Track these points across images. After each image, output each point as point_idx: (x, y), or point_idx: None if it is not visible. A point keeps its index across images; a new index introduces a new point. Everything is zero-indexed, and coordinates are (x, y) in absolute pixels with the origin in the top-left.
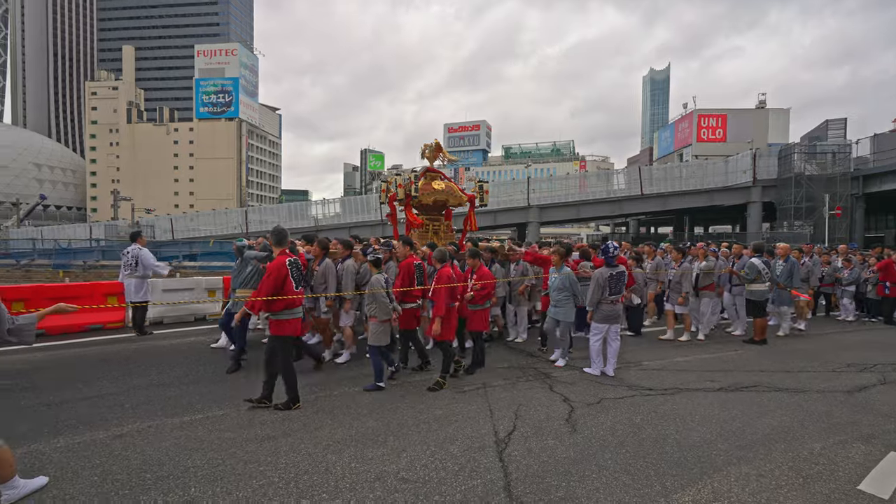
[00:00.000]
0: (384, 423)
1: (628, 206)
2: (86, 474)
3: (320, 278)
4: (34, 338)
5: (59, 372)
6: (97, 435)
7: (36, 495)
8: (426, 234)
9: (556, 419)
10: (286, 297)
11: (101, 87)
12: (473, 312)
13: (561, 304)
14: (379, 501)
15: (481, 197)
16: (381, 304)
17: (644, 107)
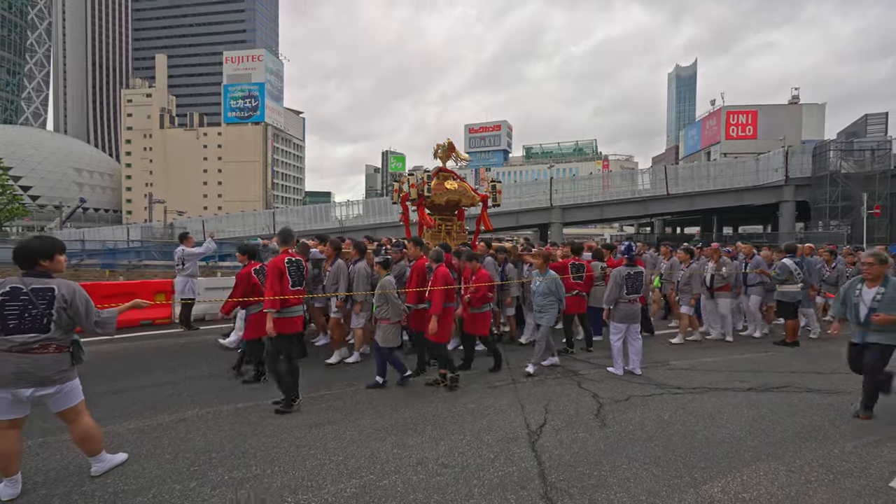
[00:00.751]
0: (420, 414)
1: (653, 206)
2: (158, 453)
3: (332, 279)
4: (115, 330)
5: (121, 363)
6: (162, 419)
7: (119, 469)
8: (439, 235)
9: (586, 414)
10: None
11: (136, 95)
12: (473, 316)
13: (545, 309)
14: (423, 483)
15: (494, 197)
16: (393, 306)
17: (669, 104)
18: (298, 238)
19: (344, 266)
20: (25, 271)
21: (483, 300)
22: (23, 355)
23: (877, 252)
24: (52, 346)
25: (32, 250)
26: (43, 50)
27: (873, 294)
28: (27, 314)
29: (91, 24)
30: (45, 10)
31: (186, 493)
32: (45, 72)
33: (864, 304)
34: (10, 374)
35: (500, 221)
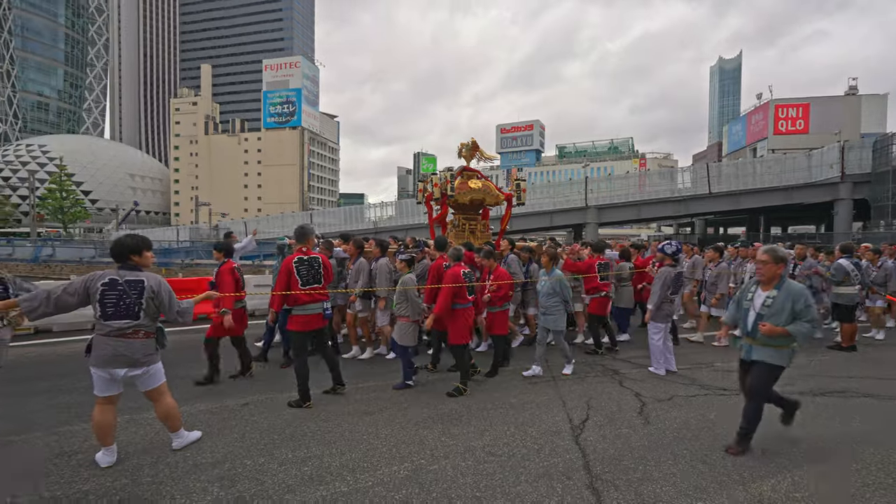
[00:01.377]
0: (464, 406)
1: (695, 205)
2: (227, 432)
3: (354, 276)
4: (192, 318)
5: (186, 352)
6: (228, 402)
7: (195, 444)
8: (462, 234)
9: (628, 411)
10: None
11: (183, 104)
12: (493, 315)
13: (551, 311)
14: (471, 469)
15: (518, 195)
16: (413, 304)
17: (712, 99)
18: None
19: (366, 264)
20: (120, 265)
21: (503, 299)
22: (118, 339)
23: (773, 248)
24: (141, 331)
25: (125, 247)
26: (101, 64)
27: (764, 298)
28: (122, 303)
29: (142, 39)
30: (103, 27)
31: (256, 467)
32: (102, 84)
33: (754, 310)
34: (108, 355)
35: (533, 222)
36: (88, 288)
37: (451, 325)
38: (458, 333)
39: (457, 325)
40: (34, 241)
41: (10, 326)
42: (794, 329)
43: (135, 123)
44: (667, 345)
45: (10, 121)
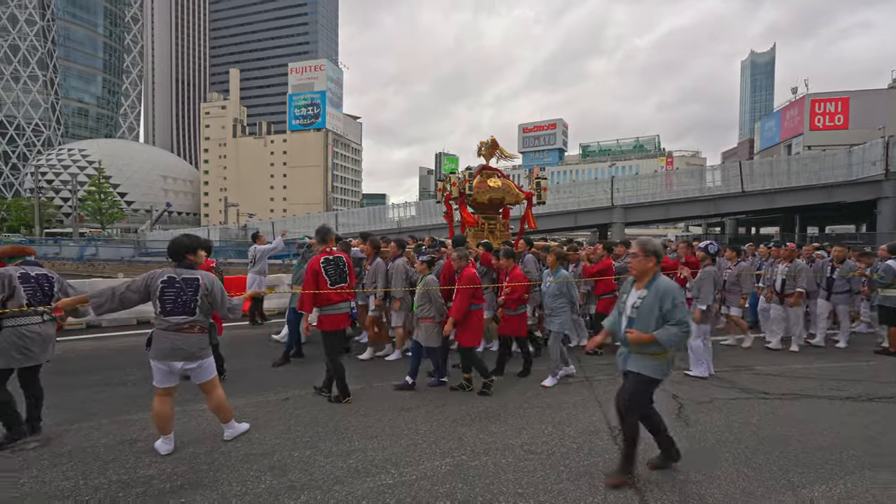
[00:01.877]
0: (500, 404)
1: (726, 204)
2: (273, 425)
3: (371, 277)
4: (241, 314)
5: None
6: (270, 397)
7: (244, 435)
8: (481, 234)
9: (667, 413)
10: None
11: (213, 107)
12: (508, 318)
13: (556, 312)
14: (512, 466)
15: (539, 194)
16: (437, 305)
17: (743, 95)
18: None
19: (382, 264)
20: (176, 263)
21: (518, 301)
22: (176, 334)
23: (645, 241)
24: (196, 327)
25: (183, 246)
26: (136, 71)
27: (634, 299)
28: (179, 299)
29: (174, 46)
30: (138, 35)
31: (304, 459)
32: (138, 90)
33: (625, 314)
34: (167, 349)
35: (557, 222)
36: (149, 286)
37: (464, 326)
38: (470, 335)
39: (470, 327)
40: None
41: (55, 321)
42: (660, 335)
43: (167, 127)
44: (706, 346)
45: (53, 126)
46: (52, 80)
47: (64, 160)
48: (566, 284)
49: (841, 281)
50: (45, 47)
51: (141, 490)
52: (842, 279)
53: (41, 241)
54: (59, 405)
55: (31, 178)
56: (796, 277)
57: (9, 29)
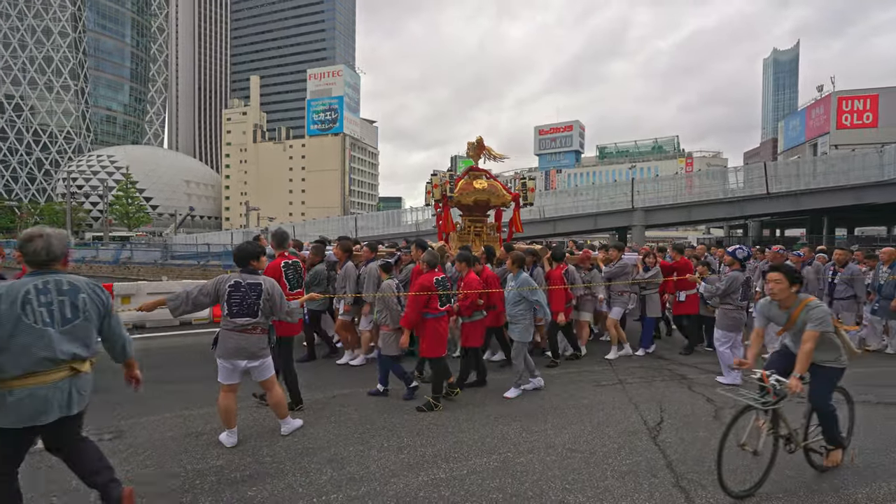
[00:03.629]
0: (538, 405)
1: (751, 206)
2: (324, 422)
3: (341, 281)
4: (298, 318)
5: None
6: (317, 395)
7: (299, 431)
8: (467, 237)
9: (703, 416)
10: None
11: (234, 114)
12: (464, 326)
13: (516, 320)
14: (557, 463)
15: (525, 195)
16: (392, 312)
17: (766, 93)
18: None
19: (353, 268)
20: (241, 269)
21: (472, 308)
22: (240, 335)
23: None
24: (258, 328)
25: (248, 253)
26: (162, 79)
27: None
28: (244, 302)
29: (197, 54)
30: (163, 45)
31: (358, 453)
32: (163, 98)
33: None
34: (232, 348)
35: (577, 224)
36: (218, 289)
37: (423, 336)
38: (430, 345)
39: (428, 337)
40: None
41: None
42: None
43: (190, 133)
44: (736, 354)
45: (83, 133)
46: (83, 90)
47: (93, 166)
48: (527, 289)
49: (843, 286)
50: (77, 58)
51: (214, 479)
52: (843, 283)
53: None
54: (122, 402)
55: (63, 183)
56: None
57: (43, 41)
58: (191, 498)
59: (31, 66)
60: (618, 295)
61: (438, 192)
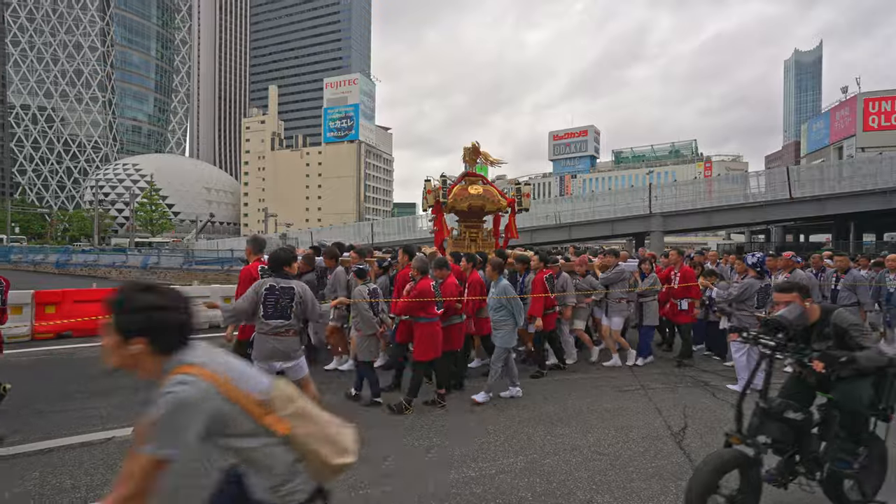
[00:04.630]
0: (561, 409)
1: (773, 211)
2: (351, 421)
3: (331, 287)
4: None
5: None
6: (331, 398)
7: None
8: (462, 243)
9: (728, 422)
10: None
11: (253, 122)
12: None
13: (498, 325)
14: (582, 465)
15: (520, 201)
16: (364, 318)
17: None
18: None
19: (342, 274)
20: (276, 274)
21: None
22: (275, 338)
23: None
24: (291, 330)
25: (281, 259)
26: (184, 90)
27: None
28: (278, 305)
29: (217, 65)
30: (186, 57)
31: (389, 450)
32: (185, 108)
33: None
34: (268, 351)
35: (594, 230)
36: (258, 293)
37: (416, 339)
38: (422, 349)
39: (421, 340)
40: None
41: None
42: None
43: (210, 141)
44: (754, 360)
45: (110, 143)
46: (111, 101)
47: (119, 174)
48: (507, 296)
49: (846, 292)
50: (105, 70)
51: None
52: (846, 290)
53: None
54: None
55: (91, 191)
56: None
57: (74, 55)
58: None
59: (62, 79)
60: (615, 302)
61: (432, 197)
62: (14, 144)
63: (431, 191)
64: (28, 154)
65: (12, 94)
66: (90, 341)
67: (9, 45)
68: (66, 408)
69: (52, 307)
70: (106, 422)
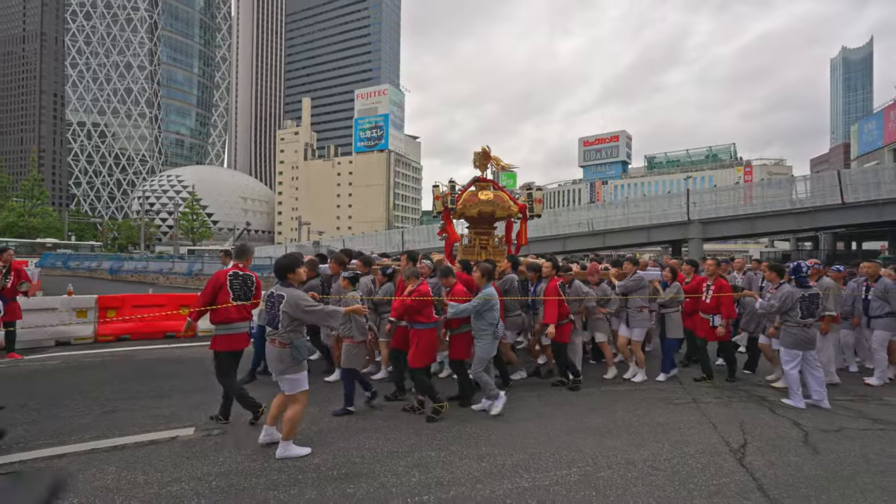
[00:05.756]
0: (610, 420)
1: (823, 217)
2: (403, 427)
3: (335, 295)
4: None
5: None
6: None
7: (384, 435)
8: (472, 250)
9: (791, 440)
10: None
11: (287, 134)
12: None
13: (478, 334)
14: (639, 480)
15: (531, 206)
16: (357, 324)
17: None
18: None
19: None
20: (280, 282)
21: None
22: (269, 345)
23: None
24: (276, 340)
25: (281, 266)
26: (223, 104)
27: None
28: (270, 313)
29: (254, 80)
30: (226, 73)
31: (440, 459)
32: (224, 121)
33: None
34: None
35: (629, 237)
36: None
37: (413, 345)
38: (419, 355)
39: (419, 346)
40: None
41: None
42: None
43: (247, 153)
44: (813, 375)
45: (155, 156)
46: (157, 116)
47: (164, 185)
48: (484, 303)
49: (878, 302)
50: (152, 88)
51: (314, 475)
52: (878, 299)
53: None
54: (207, 402)
55: (138, 201)
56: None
57: (125, 74)
58: (297, 490)
59: (114, 97)
60: (636, 311)
61: (440, 204)
62: (71, 159)
63: (439, 196)
64: (83, 167)
65: (70, 112)
66: (148, 344)
67: (68, 67)
68: (133, 406)
69: (112, 311)
70: (169, 421)
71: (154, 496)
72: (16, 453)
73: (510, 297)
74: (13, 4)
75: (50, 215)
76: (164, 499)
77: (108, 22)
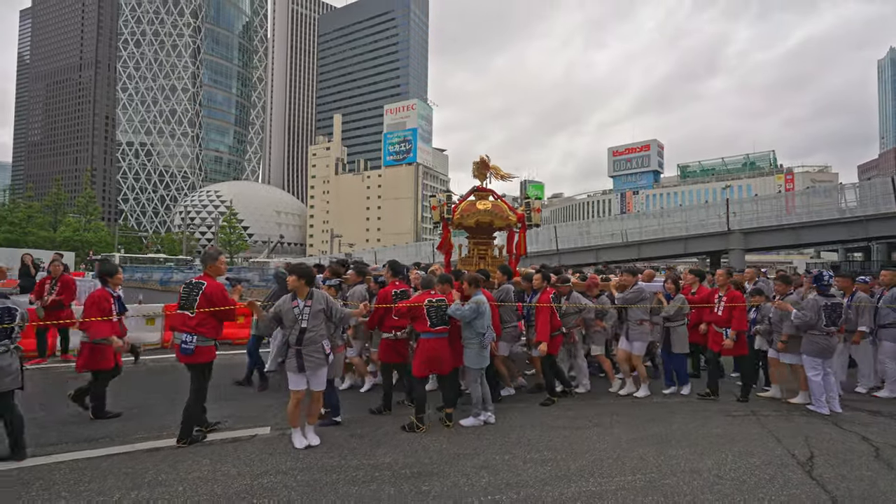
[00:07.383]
0: (668, 430)
1: (876, 227)
2: (466, 432)
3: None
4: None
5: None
6: None
7: (450, 438)
8: (470, 261)
9: (861, 454)
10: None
11: (319, 149)
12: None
13: (466, 344)
14: (706, 488)
15: (529, 216)
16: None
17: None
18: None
19: (361, 290)
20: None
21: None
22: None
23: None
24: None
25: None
26: (259, 122)
27: None
28: None
29: (287, 98)
30: (262, 93)
31: (505, 462)
32: (259, 138)
33: None
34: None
35: (664, 249)
36: None
37: (416, 354)
38: (420, 365)
39: (418, 356)
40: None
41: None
42: None
43: (280, 168)
44: (827, 381)
45: (196, 173)
46: (198, 135)
47: (203, 200)
48: (473, 310)
49: (887, 310)
50: (194, 108)
51: (389, 473)
52: (888, 308)
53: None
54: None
55: (180, 216)
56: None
57: (170, 96)
58: (376, 487)
59: (160, 118)
60: (636, 324)
61: (437, 214)
62: (119, 177)
63: (436, 207)
64: (130, 184)
65: (120, 132)
66: None
67: (119, 91)
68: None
69: None
70: (246, 421)
71: (248, 487)
72: (118, 445)
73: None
74: (72, 35)
75: (102, 230)
76: (258, 490)
77: (156, 48)
